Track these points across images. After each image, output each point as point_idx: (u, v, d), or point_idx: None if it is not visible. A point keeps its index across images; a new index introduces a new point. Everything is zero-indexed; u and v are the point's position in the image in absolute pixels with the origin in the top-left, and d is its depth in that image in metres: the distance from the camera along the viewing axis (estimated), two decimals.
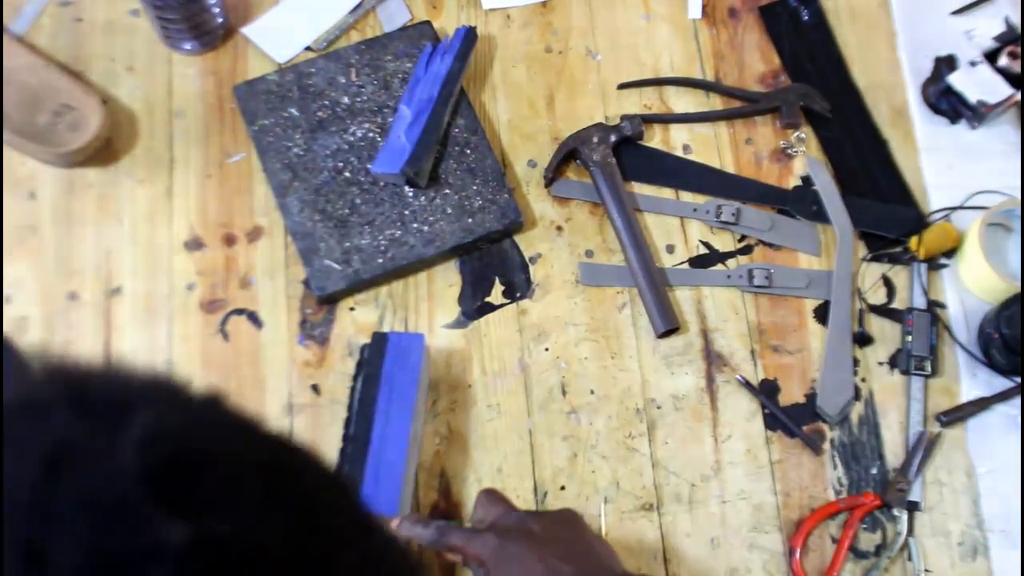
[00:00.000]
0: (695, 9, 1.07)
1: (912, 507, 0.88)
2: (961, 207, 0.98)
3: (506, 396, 0.90)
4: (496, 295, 0.94)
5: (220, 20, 1.01)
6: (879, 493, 0.88)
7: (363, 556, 0.32)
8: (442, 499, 0.86)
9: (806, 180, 1.00)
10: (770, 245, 0.97)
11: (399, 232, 0.93)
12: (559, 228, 0.97)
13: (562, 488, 0.87)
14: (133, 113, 0.99)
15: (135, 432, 0.28)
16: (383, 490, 0.77)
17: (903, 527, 0.87)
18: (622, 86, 1.03)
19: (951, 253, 0.97)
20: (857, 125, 1.02)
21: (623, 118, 1.00)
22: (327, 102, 0.98)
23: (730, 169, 1.00)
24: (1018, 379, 0.91)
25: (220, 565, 0.27)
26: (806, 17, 1.07)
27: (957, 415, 0.90)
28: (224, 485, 0.29)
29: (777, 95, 1.02)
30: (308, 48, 1.03)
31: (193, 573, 0.27)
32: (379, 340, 0.83)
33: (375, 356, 0.82)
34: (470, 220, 0.94)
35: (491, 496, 0.72)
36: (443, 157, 0.97)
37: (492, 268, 0.95)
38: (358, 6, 1.05)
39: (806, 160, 1.00)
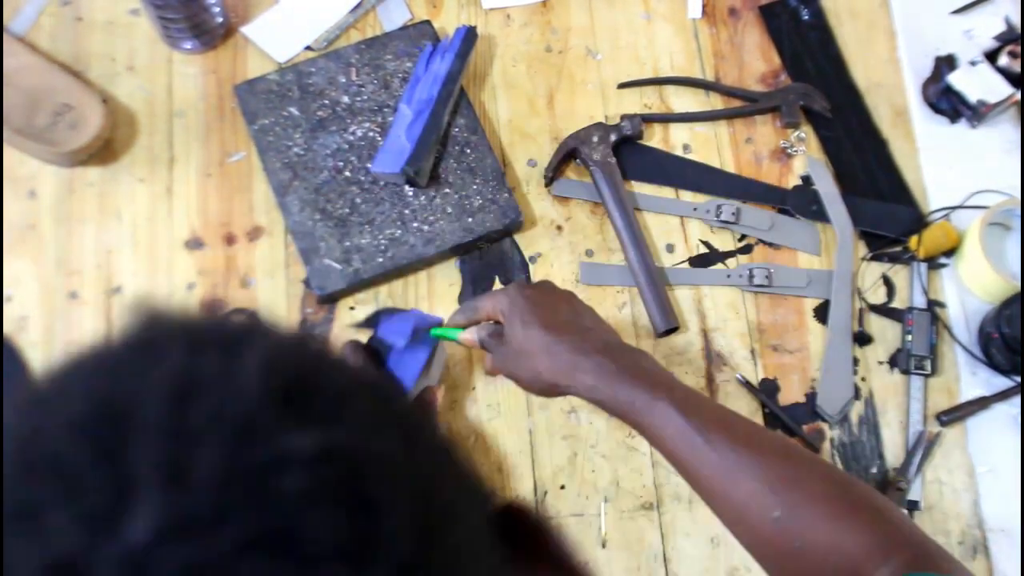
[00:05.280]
0: (695, 8, 1.07)
1: (912, 506, 0.88)
2: (961, 206, 0.98)
3: (506, 395, 0.90)
4: None
5: (220, 19, 1.01)
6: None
7: (455, 469, 0.36)
8: None
9: (806, 179, 1.00)
10: (770, 244, 0.97)
11: (399, 231, 0.93)
12: (559, 227, 0.97)
13: (562, 487, 0.87)
14: (133, 112, 0.99)
15: (251, 360, 0.32)
16: None
17: None
18: (622, 85, 1.03)
19: (951, 252, 0.97)
20: (857, 124, 1.02)
21: (623, 117, 1.00)
22: (327, 101, 0.98)
23: (730, 168, 1.00)
24: (1018, 378, 0.91)
25: (345, 469, 0.31)
26: (806, 16, 1.07)
27: (957, 414, 0.90)
28: (339, 402, 0.33)
29: (777, 95, 1.02)
30: (308, 47, 1.03)
31: (321, 477, 0.30)
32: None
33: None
34: (470, 219, 0.94)
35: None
36: (443, 156, 0.97)
37: (492, 267, 0.95)
38: (358, 5, 1.05)
39: (806, 159, 1.00)
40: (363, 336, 0.81)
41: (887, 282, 0.96)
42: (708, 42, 1.06)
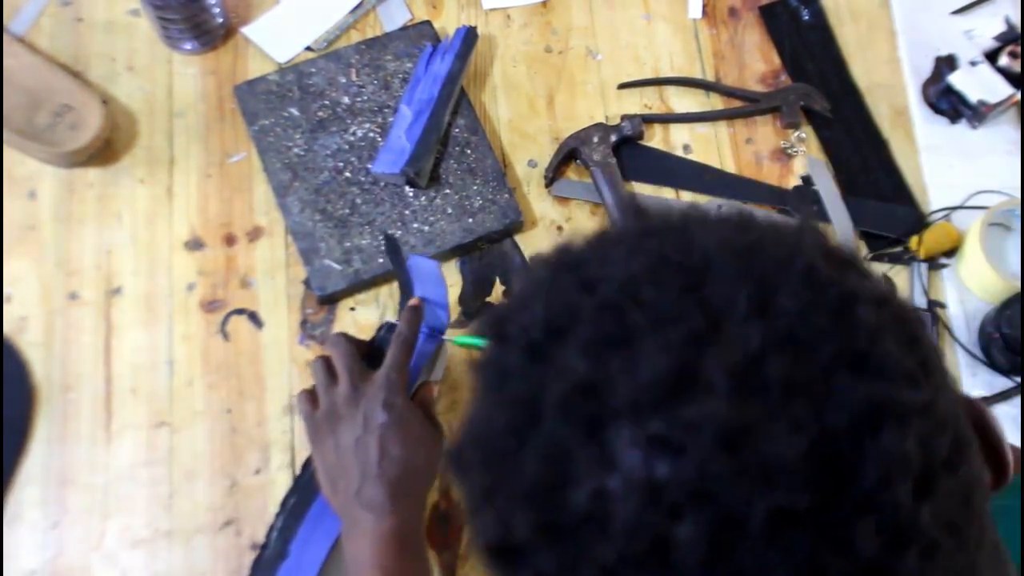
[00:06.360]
0: (695, 9, 1.07)
1: None
2: (961, 207, 0.98)
3: None
4: (497, 295, 0.94)
5: (220, 20, 1.01)
6: None
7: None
8: (444, 500, 0.86)
9: (806, 180, 1.00)
10: None
11: (399, 232, 0.93)
12: (560, 228, 0.97)
13: None
14: (133, 113, 0.99)
15: (808, 236, 0.38)
16: None
17: None
18: (622, 86, 1.03)
19: (951, 253, 0.97)
20: (857, 125, 1.02)
21: (623, 118, 1.00)
22: (327, 102, 0.98)
23: (730, 169, 1.00)
24: (1018, 379, 0.91)
25: (899, 312, 0.38)
26: (806, 17, 1.07)
27: None
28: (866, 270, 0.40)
29: (777, 95, 1.02)
30: (308, 48, 1.03)
31: (885, 315, 0.36)
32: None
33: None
34: (470, 220, 0.94)
35: None
36: (443, 157, 0.97)
37: (493, 268, 0.95)
38: (358, 6, 1.05)
39: (806, 160, 1.00)
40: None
41: (888, 282, 0.96)
42: (708, 42, 1.06)
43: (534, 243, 0.96)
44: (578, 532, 0.33)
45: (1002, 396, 0.91)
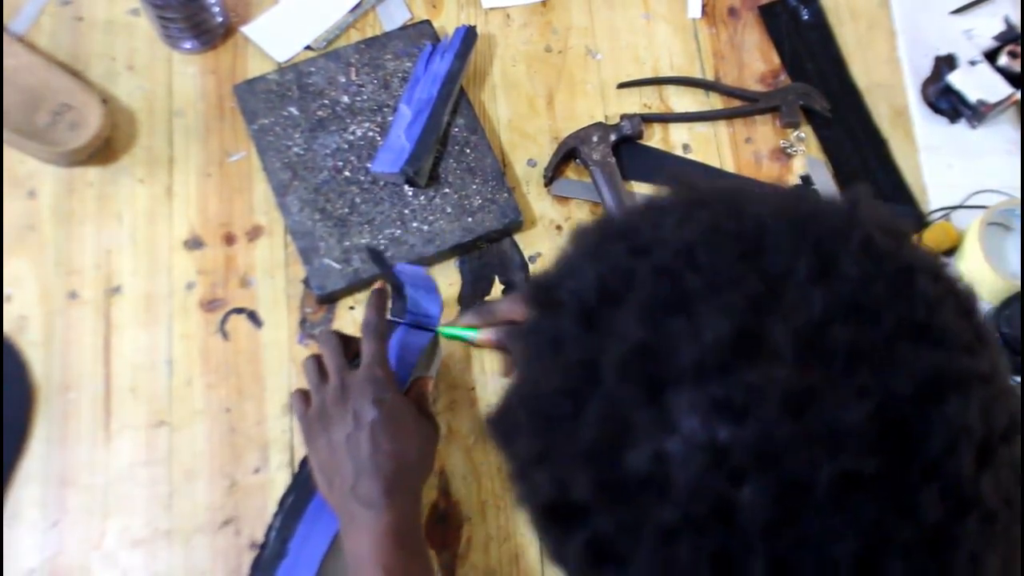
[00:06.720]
0: (695, 8, 1.07)
1: None
2: (961, 206, 0.98)
3: None
4: (496, 294, 0.94)
5: (220, 19, 1.01)
6: None
7: None
8: (442, 499, 0.86)
9: (806, 179, 1.00)
10: None
11: (399, 231, 0.93)
12: (559, 227, 0.97)
13: None
14: (133, 112, 0.99)
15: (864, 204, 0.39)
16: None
17: None
18: (622, 85, 1.03)
19: (950, 252, 0.97)
20: (857, 124, 1.02)
21: (623, 117, 1.00)
22: (327, 101, 0.98)
23: (730, 168, 1.00)
24: (1018, 379, 0.91)
25: (957, 285, 0.38)
26: (806, 16, 1.07)
27: None
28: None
29: (777, 94, 1.02)
30: (308, 47, 1.03)
31: (944, 286, 0.37)
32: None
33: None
34: (470, 219, 0.94)
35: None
36: (443, 156, 0.97)
37: (492, 267, 0.95)
38: (358, 5, 1.05)
39: (806, 159, 1.00)
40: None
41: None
42: (708, 42, 1.06)
43: (533, 242, 0.96)
44: (638, 493, 0.34)
45: None
